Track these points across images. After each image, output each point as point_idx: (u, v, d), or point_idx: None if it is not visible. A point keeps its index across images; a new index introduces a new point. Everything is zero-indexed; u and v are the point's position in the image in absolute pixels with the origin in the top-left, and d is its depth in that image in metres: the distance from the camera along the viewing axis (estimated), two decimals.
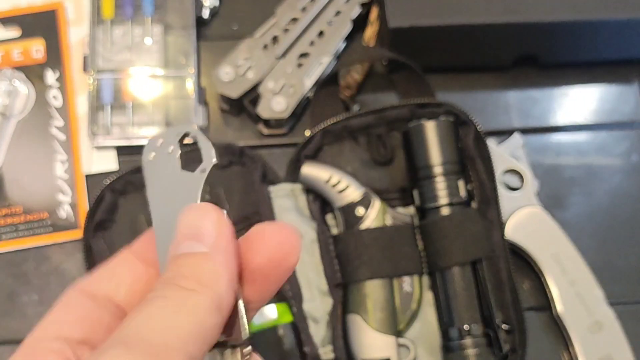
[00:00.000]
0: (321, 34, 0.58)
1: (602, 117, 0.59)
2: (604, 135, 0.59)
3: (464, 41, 0.56)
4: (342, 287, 0.51)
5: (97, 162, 0.56)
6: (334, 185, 0.51)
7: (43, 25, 0.59)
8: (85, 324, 0.25)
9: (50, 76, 0.58)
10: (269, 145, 0.57)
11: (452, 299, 0.49)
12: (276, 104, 0.55)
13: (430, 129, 0.51)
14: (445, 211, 0.50)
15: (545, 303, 0.52)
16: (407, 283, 0.51)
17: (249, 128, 0.58)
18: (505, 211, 0.51)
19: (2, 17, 0.59)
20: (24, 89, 0.57)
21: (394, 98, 0.58)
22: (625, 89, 0.60)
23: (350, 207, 0.51)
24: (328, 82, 0.57)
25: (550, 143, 0.58)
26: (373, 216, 0.51)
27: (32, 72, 0.58)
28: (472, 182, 0.52)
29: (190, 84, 0.57)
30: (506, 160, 0.54)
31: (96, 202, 0.52)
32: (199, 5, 0.59)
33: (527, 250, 0.52)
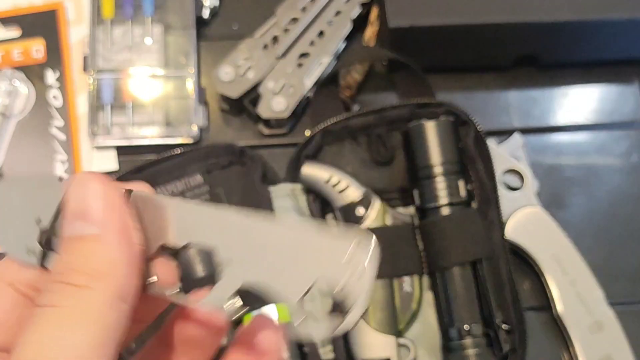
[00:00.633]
0: (321, 34, 0.58)
1: (602, 117, 0.59)
2: (604, 135, 0.59)
3: (464, 41, 0.56)
4: None
5: (97, 162, 0.56)
6: (334, 185, 0.51)
7: (43, 25, 0.59)
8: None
9: (50, 76, 0.58)
10: (269, 145, 0.57)
11: (452, 299, 0.49)
12: (276, 104, 0.55)
13: (431, 129, 0.51)
14: (445, 211, 0.50)
15: (545, 303, 0.52)
16: (407, 283, 0.51)
17: (249, 128, 0.58)
18: (506, 211, 0.51)
19: (2, 17, 0.59)
20: (24, 89, 0.57)
21: (394, 98, 0.58)
22: (625, 89, 0.60)
23: (350, 207, 0.51)
24: (328, 82, 0.57)
25: (550, 143, 0.58)
26: (373, 216, 0.51)
27: (32, 72, 0.58)
28: (472, 182, 0.52)
29: (190, 84, 0.57)
30: (506, 160, 0.54)
31: None
32: (199, 5, 0.59)
33: (527, 250, 0.52)
